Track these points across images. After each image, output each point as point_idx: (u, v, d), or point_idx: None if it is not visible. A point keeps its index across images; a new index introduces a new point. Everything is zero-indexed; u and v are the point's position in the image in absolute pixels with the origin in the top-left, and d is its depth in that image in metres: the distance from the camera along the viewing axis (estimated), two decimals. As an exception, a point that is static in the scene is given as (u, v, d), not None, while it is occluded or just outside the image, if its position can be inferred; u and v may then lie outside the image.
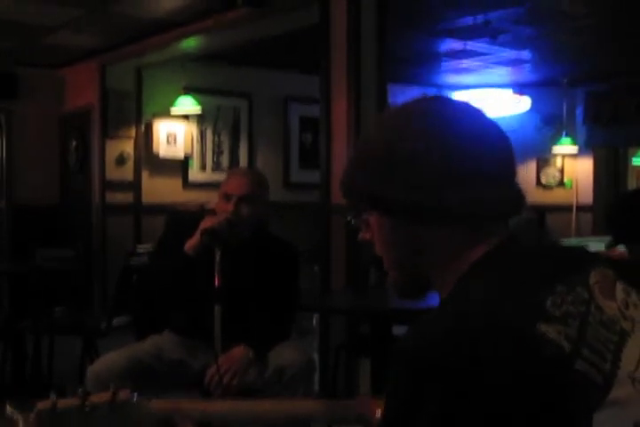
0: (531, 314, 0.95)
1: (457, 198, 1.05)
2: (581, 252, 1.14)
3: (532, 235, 1.17)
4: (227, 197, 3.05)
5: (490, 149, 1.09)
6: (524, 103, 8.42)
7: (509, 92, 8.55)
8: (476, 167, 1.07)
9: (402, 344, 0.96)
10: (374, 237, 1.16)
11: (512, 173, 1.12)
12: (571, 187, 9.26)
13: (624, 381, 0.96)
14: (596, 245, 3.87)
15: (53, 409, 1.14)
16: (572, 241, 7.09)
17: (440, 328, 0.95)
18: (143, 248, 5.89)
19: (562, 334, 0.94)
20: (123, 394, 1.21)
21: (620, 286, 1.07)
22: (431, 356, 0.92)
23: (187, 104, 7.16)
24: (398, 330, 3.86)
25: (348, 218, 1.20)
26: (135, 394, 1.23)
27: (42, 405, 1.15)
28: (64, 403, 1.16)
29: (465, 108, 1.14)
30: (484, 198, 1.06)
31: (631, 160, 9.44)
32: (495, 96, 8.20)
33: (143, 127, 7.34)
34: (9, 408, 1.15)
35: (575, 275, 1.04)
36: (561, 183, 9.26)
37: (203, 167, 7.78)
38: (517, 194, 1.12)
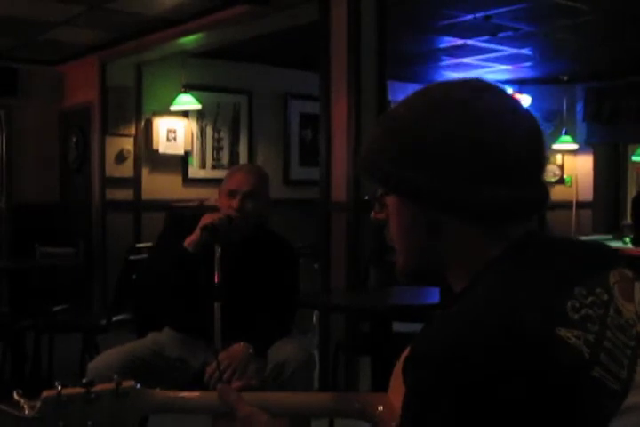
0: (550, 318, 0.92)
1: (486, 194, 1.02)
2: (601, 249, 1.10)
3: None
4: (231, 193, 3.06)
5: (525, 146, 1.05)
6: (523, 100, 8.41)
7: (509, 89, 8.55)
8: (510, 164, 1.03)
9: (417, 346, 0.94)
10: (390, 220, 1.12)
11: (542, 170, 1.10)
12: (571, 184, 9.27)
13: (637, 388, 0.94)
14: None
15: (58, 397, 1.15)
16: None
17: (456, 330, 0.92)
18: (143, 245, 5.89)
19: (581, 340, 0.92)
20: (126, 383, 1.22)
21: (638, 287, 1.05)
22: (449, 358, 0.90)
23: (186, 101, 7.16)
24: (398, 327, 3.86)
25: (366, 197, 1.17)
26: (138, 384, 1.23)
27: (47, 393, 1.16)
28: (69, 391, 1.17)
29: (503, 98, 1.09)
30: (513, 196, 1.03)
31: (631, 157, 9.44)
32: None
33: (143, 124, 7.34)
34: (16, 396, 1.16)
35: (595, 275, 1.01)
36: (561, 180, 9.27)
37: (203, 164, 7.78)
38: (544, 192, 1.09)
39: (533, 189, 1.07)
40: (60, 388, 1.16)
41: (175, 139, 7.49)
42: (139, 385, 1.23)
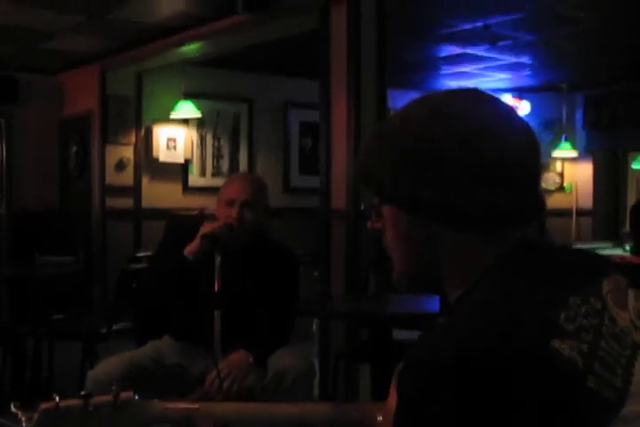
0: (544, 330, 0.92)
1: (482, 203, 1.02)
2: (594, 257, 1.11)
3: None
4: (229, 202, 3.06)
5: (521, 154, 1.05)
6: (523, 108, 8.42)
7: (509, 97, 8.56)
8: (506, 172, 1.03)
9: (414, 355, 0.94)
10: (386, 229, 1.12)
11: (537, 178, 1.09)
12: (570, 191, 9.27)
13: (636, 396, 0.93)
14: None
15: (56, 409, 1.15)
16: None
17: (451, 343, 0.92)
18: (143, 253, 5.89)
19: (575, 350, 0.92)
20: (124, 395, 1.21)
21: (632, 295, 1.05)
22: (440, 370, 0.90)
23: (186, 109, 7.17)
24: (398, 335, 3.86)
25: (362, 207, 1.15)
26: (136, 395, 1.23)
27: (45, 405, 1.15)
28: (67, 403, 1.17)
29: (499, 107, 1.09)
30: (509, 204, 1.03)
31: (631, 164, 9.44)
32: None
33: (143, 132, 7.34)
34: (14, 408, 1.15)
35: (588, 284, 1.01)
36: (560, 188, 9.26)
37: (202, 172, 7.78)
38: (540, 200, 1.09)
39: (530, 198, 1.06)
40: (57, 400, 1.16)
41: (175, 147, 7.49)
42: (137, 396, 1.23)
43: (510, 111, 1.10)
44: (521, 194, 1.05)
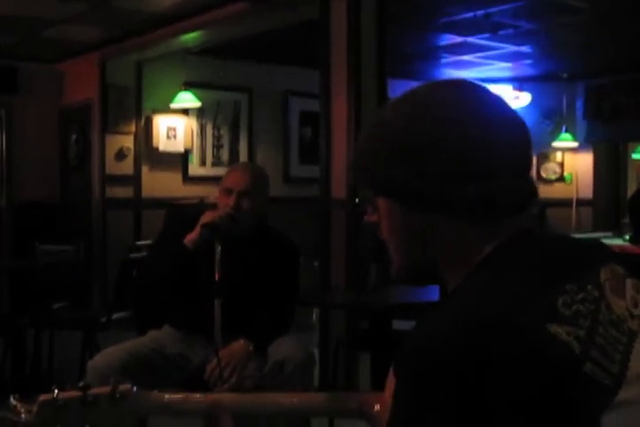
0: (541, 314, 0.93)
1: (473, 191, 1.02)
2: (592, 246, 1.11)
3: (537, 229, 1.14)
4: (227, 191, 3.07)
5: (510, 142, 1.06)
6: (523, 98, 8.41)
7: (509, 86, 8.55)
8: (495, 160, 1.04)
9: (410, 342, 0.95)
10: (382, 221, 1.13)
11: (528, 166, 1.09)
12: (571, 181, 9.27)
13: (633, 381, 0.94)
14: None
15: (55, 400, 1.15)
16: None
17: (449, 327, 0.93)
18: (143, 243, 5.90)
19: (572, 335, 0.92)
20: (123, 387, 1.22)
21: (629, 284, 1.05)
22: (440, 354, 0.90)
23: (187, 99, 7.16)
24: (398, 325, 3.87)
25: (357, 200, 1.16)
26: (135, 387, 1.24)
27: (44, 397, 1.16)
28: (66, 395, 1.17)
29: (486, 96, 1.10)
30: (500, 192, 1.03)
31: (631, 155, 9.44)
32: (495, 91, 8.19)
33: (143, 122, 7.34)
34: (13, 400, 1.16)
35: (586, 272, 1.02)
36: (561, 178, 9.27)
37: (203, 162, 7.78)
38: (531, 187, 1.09)
39: (521, 186, 1.07)
40: (56, 392, 1.16)
41: (175, 136, 7.49)
42: (135, 388, 1.24)
43: (498, 99, 1.11)
44: (512, 182, 1.05)
